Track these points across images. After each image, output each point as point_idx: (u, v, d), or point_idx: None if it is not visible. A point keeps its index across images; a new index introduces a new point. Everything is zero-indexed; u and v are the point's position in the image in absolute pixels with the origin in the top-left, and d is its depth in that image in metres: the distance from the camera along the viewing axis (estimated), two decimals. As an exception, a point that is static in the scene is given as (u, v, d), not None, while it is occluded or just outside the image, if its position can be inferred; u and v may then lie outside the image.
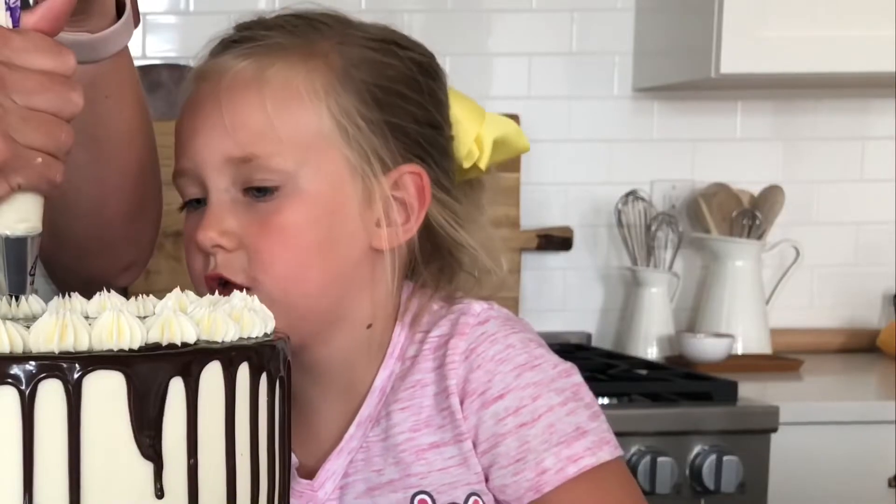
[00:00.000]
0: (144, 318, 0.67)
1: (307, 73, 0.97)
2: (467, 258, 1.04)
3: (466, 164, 1.06)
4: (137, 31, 0.99)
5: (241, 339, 0.69)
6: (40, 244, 0.80)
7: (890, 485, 2.04)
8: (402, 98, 1.00)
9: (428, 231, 1.02)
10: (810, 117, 2.65)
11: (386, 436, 0.99)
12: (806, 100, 2.63)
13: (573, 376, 0.99)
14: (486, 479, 0.97)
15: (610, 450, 0.96)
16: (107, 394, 0.62)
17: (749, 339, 2.50)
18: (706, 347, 2.37)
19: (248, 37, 0.99)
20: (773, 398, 2.05)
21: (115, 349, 0.63)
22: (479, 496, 0.97)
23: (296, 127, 0.96)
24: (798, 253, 2.58)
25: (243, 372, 0.67)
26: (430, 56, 1.04)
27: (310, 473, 1.02)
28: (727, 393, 2.02)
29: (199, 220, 0.97)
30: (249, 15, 1.02)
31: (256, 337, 0.71)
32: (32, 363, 0.62)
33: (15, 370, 0.61)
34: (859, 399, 2.21)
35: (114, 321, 0.64)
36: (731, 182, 2.58)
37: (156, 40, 2.50)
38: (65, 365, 0.62)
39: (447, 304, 1.02)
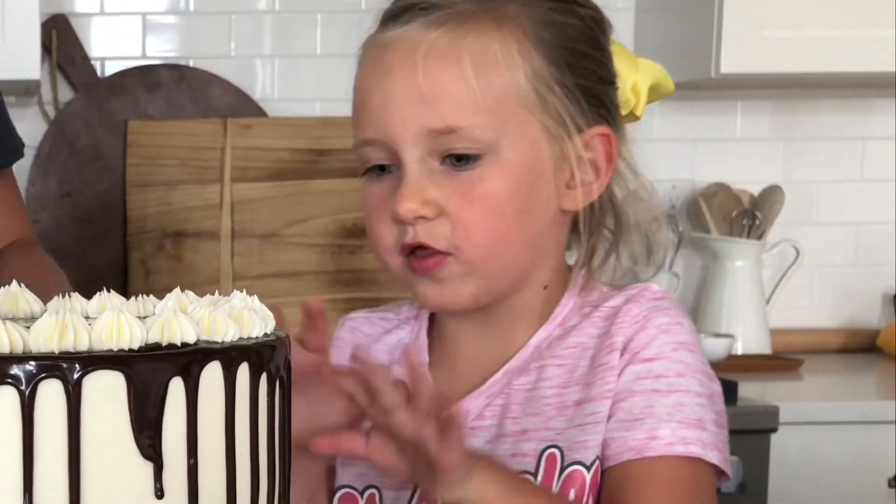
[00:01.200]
0: (144, 318, 0.67)
1: (502, 39, 0.96)
2: (628, 219, 1.04)
3: (623, 112, 1.06)
4: (138, 31, 0.99)
5: (241, 339, 0.69)
6: None
7: (890, 485, 2.04)
8: (587, 58, 1.00)
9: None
10: (810, 117, 2.65)
11: (533, 387, 0.99)
12: (806, 100, 2.63)
13: (716, 383, 1.00)
14: None
15: (718, 457, 0.96)
16: (107, 394, 0.62)
17: (749, 339, 2.50)
18: (706, 347, 2.35)
19: (434, 4, 0.97)
20: (773, 398, 2.05)
21: (115, 349, 0.63)
22: (602, 462, 0.96)
23: (496, 95, 0.95)
24: (798, 253, 2.58)
25: (243, 372, 0.67)
26: (599, 9, 1.03)
27: None
28: (727, 393, 1.99)
29: (387, 189, 0.97)
30: None
31: (256, 337, 0.71)
32: (32, 363, 0.61)
33: (15, 370, 0.61)
34: (859, 399, 2.21)
35: (114, 321, 0.64)
36: (731, 182, 2.58)
37: (156, 40, 2.50)
38: (65, 365, 0.62)
39: (618, 288, 1.03)
